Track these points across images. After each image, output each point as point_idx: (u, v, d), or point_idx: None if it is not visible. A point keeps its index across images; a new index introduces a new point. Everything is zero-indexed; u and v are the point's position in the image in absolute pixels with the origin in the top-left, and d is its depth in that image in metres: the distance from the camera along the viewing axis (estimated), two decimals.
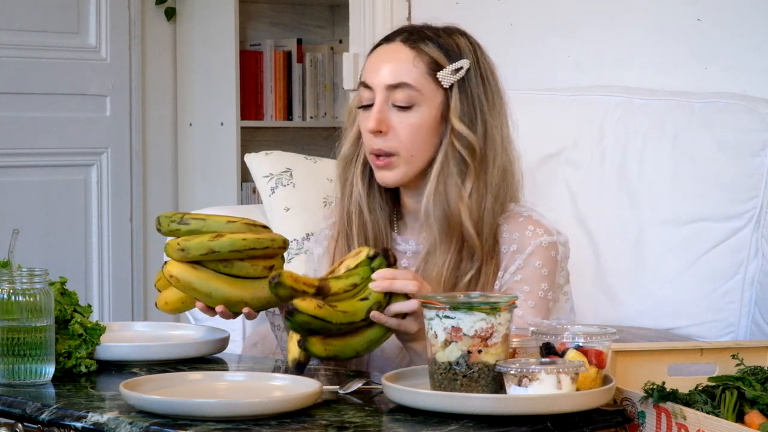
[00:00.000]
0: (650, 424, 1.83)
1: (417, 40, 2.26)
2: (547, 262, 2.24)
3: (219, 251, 2.10)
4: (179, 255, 2.10)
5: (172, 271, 2.11)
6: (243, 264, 2.12)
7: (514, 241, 2.24)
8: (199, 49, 4.79)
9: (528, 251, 2.23)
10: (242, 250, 2.10)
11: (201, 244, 2.10)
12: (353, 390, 1.94)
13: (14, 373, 2.02)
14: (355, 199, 2.32)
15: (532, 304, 2.22)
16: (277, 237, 2.15)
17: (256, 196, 4.19)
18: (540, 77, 3.20)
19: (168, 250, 2.11)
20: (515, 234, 2.25)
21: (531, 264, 2.23)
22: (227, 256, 2.10)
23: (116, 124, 4.56)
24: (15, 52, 4.29)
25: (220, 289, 2.11)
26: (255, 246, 2.11)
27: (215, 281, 2.12)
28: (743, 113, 2.73)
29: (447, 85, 2.25)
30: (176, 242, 2.11)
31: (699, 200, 2.71)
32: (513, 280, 2.23)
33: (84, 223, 4.49)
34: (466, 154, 2.24)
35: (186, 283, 2.11)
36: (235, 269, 2.12)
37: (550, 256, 2.24)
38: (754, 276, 2.66)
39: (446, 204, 2.23)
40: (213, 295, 2.11)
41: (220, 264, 2.12)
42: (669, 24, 3.05)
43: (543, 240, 2.24)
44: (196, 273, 2.11)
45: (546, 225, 2.26)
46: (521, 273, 2.23)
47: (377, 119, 2.24)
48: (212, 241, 2.10)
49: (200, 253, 2.10)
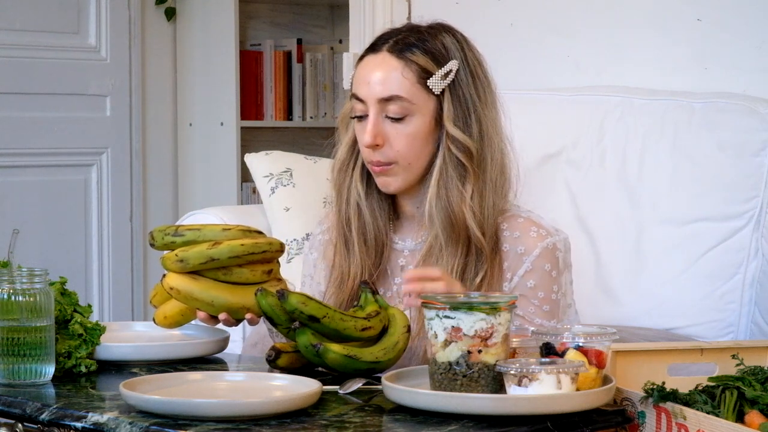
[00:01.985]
0: (650, 424, 1.83)
1: (403, 50, 2.25)
2: (555, 263, 2.25)
3: (219, 259, 2.10)
4: (178, 266, 2.10)
5: (172, 283, 2.11)
6: (242, 270, 2.13)
7: (517, 240, 2.25)
8: (199, 49, 4.79)
9: (535, 254, 2.24)
10: (241, 255, 2.11)
11: (200, 253, 2.10)
12: (353, 390, 1.94)
13: (14, 373, 2.02)
14: (354, 203, 2.33)
15: (547, 308, 2.24)
16: (274, 241, 2.16)
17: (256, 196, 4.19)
18: (540, 77, 3.20)
19: (166, 263, 2.11)
20: (516, 233, 2.26)
21: (540, 268, 2.24)
22: (226, 263, 2.11)
23: (116, 124, 4.56)
24: (15, 52, 4.29)
25: (221, 297, 2.12)
26: (253, 251, 2.12)
27: (216, 290, 2.12)
28: (743, 113, 2.73)
29: (438, 92, 2.25)
30: (174, 254, 2.11)
31: (699, 200, 2.71)
32: (526, 286, 2.24)
33: (84, 223, 4.48)
34: (464, 158, 2.25)
35: (187, 294, 2.11)
36: (234, 276, 2.12)
37: (555, 258, 2.26)
38: (754, 276, 2.66)
39: (449, 208, 2.24)
40: (215, 304, 2.12)
41: (219, 272, 2.12)
42: (669, 24, 3.05)
43: (548, 242, 2.25)
44: (197, 283, 2.11)
45: (546, 226, 2.28)
46: (532, 278, 2.24)
47: (373, 133, 2.24)
48: (211, 249, 2.10)
49: (200, 262, 2.10)
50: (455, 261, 2.24)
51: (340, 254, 2.34)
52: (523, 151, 2.38)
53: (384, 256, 2.35)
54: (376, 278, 2.33)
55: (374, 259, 2.33)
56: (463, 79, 2.27)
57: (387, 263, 2.35)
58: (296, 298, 2.03)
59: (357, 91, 2.27)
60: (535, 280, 2.24)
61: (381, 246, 2.34)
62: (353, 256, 2.32)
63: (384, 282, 2.35)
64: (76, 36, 4.45)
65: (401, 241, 2.35)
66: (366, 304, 2.12)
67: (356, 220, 2.33)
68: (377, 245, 2.33)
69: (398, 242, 2.36)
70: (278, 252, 2.16)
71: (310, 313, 2.03)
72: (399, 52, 2.25)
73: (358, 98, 2.27)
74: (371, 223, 2.32)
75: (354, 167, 2.33)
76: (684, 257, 2.70)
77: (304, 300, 2.04)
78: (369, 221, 2.32)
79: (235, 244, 2.11)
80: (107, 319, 4.45)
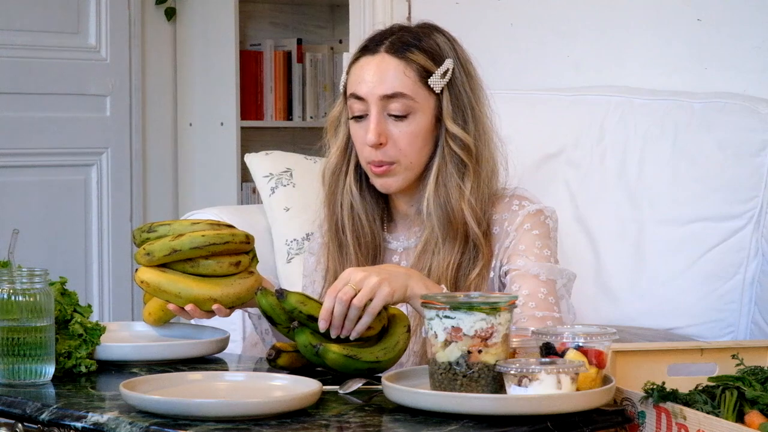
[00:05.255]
0: (650, 424, 1.83)
1: (402, 49, 2.26)
2: (537, 224, 2.28)
3: (181, 250, 2.16)
4: (146, 260, 2.19)
5: (143, 277, 2.19)
6: (208, 262, 2.18)
7: (505, 220, 2.28)
8: (199, 49, 4.79)
9: (518, 221, 2.27)
10: (202, 246, 2.16)
11: (164, 245, 2.17)
12: (353, 390, 1.94)
13: (14, 373, 2.02)
14: (349, 206, 2.33)
15: (533, 258, 2.24)
16: (238, 232, 2.21)
17: (256, 196, 4.19)
18: (540, 77, 3.20)
19: (137, 258, 2.20)
20: (504, 214, 2.28)
21: (522, 229, 2.27)
22: (189, 254, 2.17)
23: (116, 124, 4.56)
24: (15, 52, 4.29)
25: (187, 288, 2.18)
26: (215, 241, 2.17)
27: (183, 282, 2.18)
28: (743, 113, 2.72)
29: (438, 90, 2.26)
30: (143, 248, 2.19)
31: (699, 200, 2.71)
32: (505, 247, 2.25)
33: (84, 223, 4.48)
34: (463, 155, 2.26)
35: (156, 287, 2.18)
36: (201, 268, 2.19)
37: (539, 220, 2.29)
38: (754, 276, 2.66)
39: (448, 205, 2.24)
40: (182, 295, 2.18)
41: (187, 264, 2.18)
42: (669, 24, 3.05)
43: (530, 208, 2.29)
44: (165, 275, 2.18)
45: (530, 197, 2.31)
46: (519, 243, 2.26)
47: (376, 132, 2.24)
48: (173, 241, 2.17)
49: (164, 254, 2.17)
50: (452, 257, 2.24)
51: (334, 258, 2.34)
52: (523, 151, 2.38)
53: (378, 257, 2.35)
54: None
55: (369, 261, 2.33)
56: (459, 77, 2.28)
57: (382, 263, 2.35)
58: (295, 298, 2.03)
59: (356, 90, 2.27)
60: (515, 239, 2.25)
61: (376, 247, 2.34)
62: (348, 259, 2.32)
63: None
64: (76, 36, 4.45)
65: (395, 240, 2.36)
66: None
67: (350, 223, 2.33)
68: (372, 247, 2.34)
69: (392, 241, 2.36)
70: (243, 244, 2.20)
71: (309, 312, 2.03)
72: (398, 51, 2.25)
73: (357, 97, 2.26)
74: (366, 225, 2.33)
75: (347, 171, 2.34)
76: (684, 257, 2.70)
77: (303, 300, 2.04)
78: (364, 224, 2.33)
79: (196, 235, 2.17)
80: (107, 319, 4.45)
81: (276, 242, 2.98)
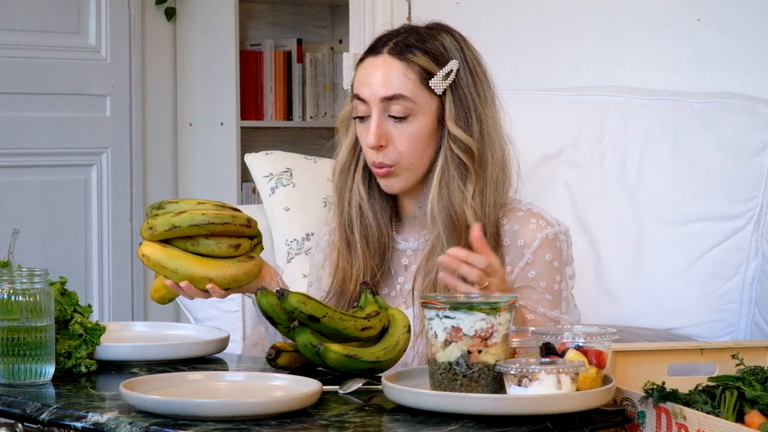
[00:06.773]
0: (650, 424, 1.83)
1: (403, 51, 2.25)
2: (556, 254, 2.26)
3: (180, 226, 2.18)
4: (148, 234, 2.20)
5: (144, 251, 2.21)
6: (208, 242, 2.20)
7: (517, 234, 2.25)
8: (199, 49, 4.79)
9: (535, 245, 2.25)
10: (202, 224, 2.18)
11: (165, 220, 2.19)
12: (353, 390, 1.94)
13: (14, 373, 2.02)
14: (356, 204, 2.33)
15: (549, 297, 2.24)
16: (239, 215, 2.22)
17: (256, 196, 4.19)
18: (540, 77, 3.20)
19: (141, 232, 2.22)
20: (516, 226, 2.26)
21: (541, 258, 2.25)
22: (189, 231, 2.18)
23: (116, 124, 4.56)
24: (15, 52, 4.29)
25: (185, 265, 2.19)
26: (214, 221, 2.18)
27: (181, 259, 2.20)
28: (743, 113, 2.73)
29: (440, 92, 2.25)
30: (147, 222, 2.21)
31: (699, 200, 2.71)
32: (526, 276, 2.25)
33: (84, 223, 4.48)
34: (465, 158, 2.25)
35: (155, 261, 2.20)
36: (201, 247, 2.20)
37: (557, 248, 2.26)
38: (754, 276, 2.66)
39: (451, 208, 2.24)
40: (179, 272, 2.19)
41: (188, 242, 2.20)
42: (669, 24, 3.05)
43: (548, 232, 2.26)
44: (165, 251, 2.20)
45: (547, 217, 2.28)
46: (533, 269, 2.24)
47: (377, 134, 2.24)
48: (174, 217, 2.19)
49: (164, 229, 2.18)
50: None
51: (343, 257, 2.34)
52: (523, 151, 2.38)
53: (387, 256, 2.35)
54: (379, 279, 2.33)
55: (377, 260, 2.33)
56: (464, 79, 2.27)
57: (390, 264, 2.35)
58: (296, 298, 2.03)
59: (359, 91, 2.27)
60: (536, 271, 2.24)
61: (384, 247, 2.34)
62: (356, 258, 2.32)
63: (388, 282, 2.35)
64: (76, 36, 4.45)
65: (404, 241, 2.36)
66: (366, 304, 2.12)
67: (359, 222, 2.33)
68: (380, 246, 2.33)
69: (401, 242, 2.36)
70: (244, 227, 2.21)
71: (309, 312, 2.03)
72: (400, 53, 2.25)
73: (360, 98, 2.27)
74: (374, 224, 2.33)
75: (356, 169, 2.33)
76: (684, 257, 2.70)
77: (303, 300, 2.04)
78: (371, 223, 2.33)
79: (196, 213, 2.19)
80: (107, 319, 4.45)
81: (276, 242, 2.98)
